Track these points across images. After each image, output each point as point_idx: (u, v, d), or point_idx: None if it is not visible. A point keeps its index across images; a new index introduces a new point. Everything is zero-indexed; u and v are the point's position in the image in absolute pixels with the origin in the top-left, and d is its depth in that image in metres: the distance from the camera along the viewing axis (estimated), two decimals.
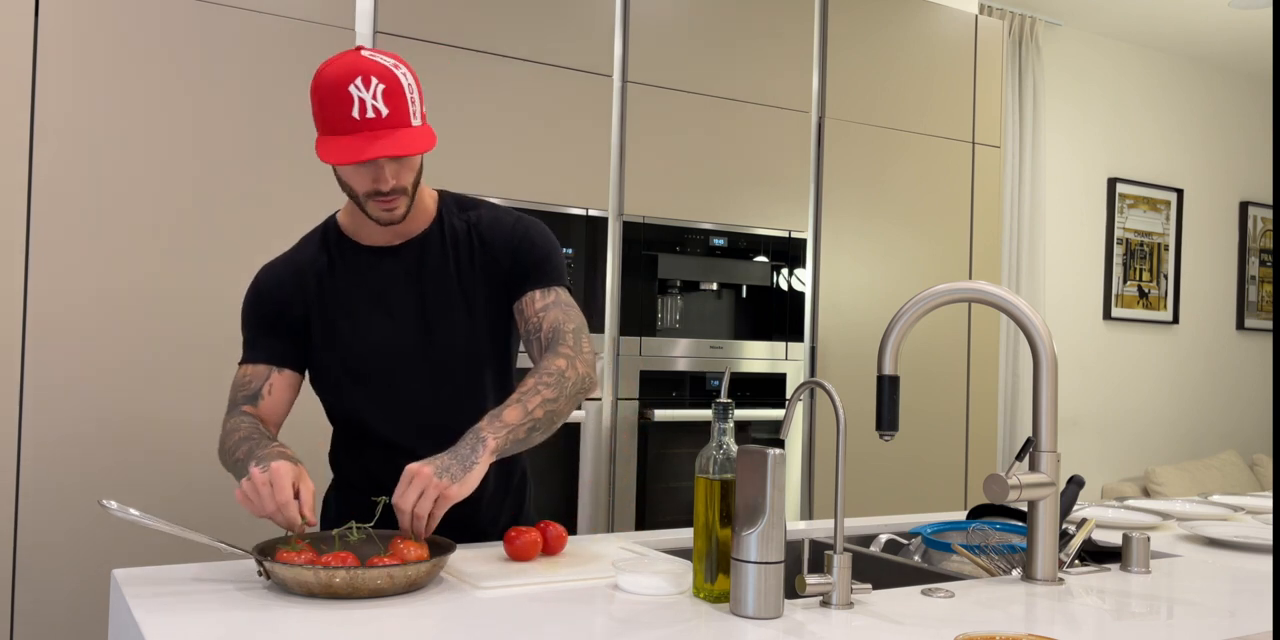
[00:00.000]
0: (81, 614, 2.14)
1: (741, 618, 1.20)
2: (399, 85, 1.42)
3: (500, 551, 1.51)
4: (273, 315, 1.59)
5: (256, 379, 1.58)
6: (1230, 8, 4.66)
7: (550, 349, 1.52)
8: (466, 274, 1.59)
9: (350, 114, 1.39)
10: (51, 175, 2.13)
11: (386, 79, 1.41)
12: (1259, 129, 5.76)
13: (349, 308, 1.58)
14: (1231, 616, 1.28)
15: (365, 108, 1.39)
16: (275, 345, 1.58)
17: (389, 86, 1.41)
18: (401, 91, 1.42)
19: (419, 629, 1.11)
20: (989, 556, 1.58)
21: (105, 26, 2.18)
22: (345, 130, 1.40)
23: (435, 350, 1.58)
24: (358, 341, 1.58)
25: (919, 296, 1.46)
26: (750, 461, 1.21)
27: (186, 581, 1.29)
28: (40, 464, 2.11)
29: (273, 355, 1.58)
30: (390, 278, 1.58)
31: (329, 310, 1.58)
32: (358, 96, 1.39)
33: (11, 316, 2.09)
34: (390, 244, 1.60)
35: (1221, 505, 2.24)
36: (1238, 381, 5.70)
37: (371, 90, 1.40)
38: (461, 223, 1.61)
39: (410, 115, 1.43)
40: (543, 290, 1.59)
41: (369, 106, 1.39)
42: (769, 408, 3.03)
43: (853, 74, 3.22)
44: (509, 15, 2.65)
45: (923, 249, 3.36)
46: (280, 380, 1.59)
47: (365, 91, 1.39)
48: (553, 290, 1.60)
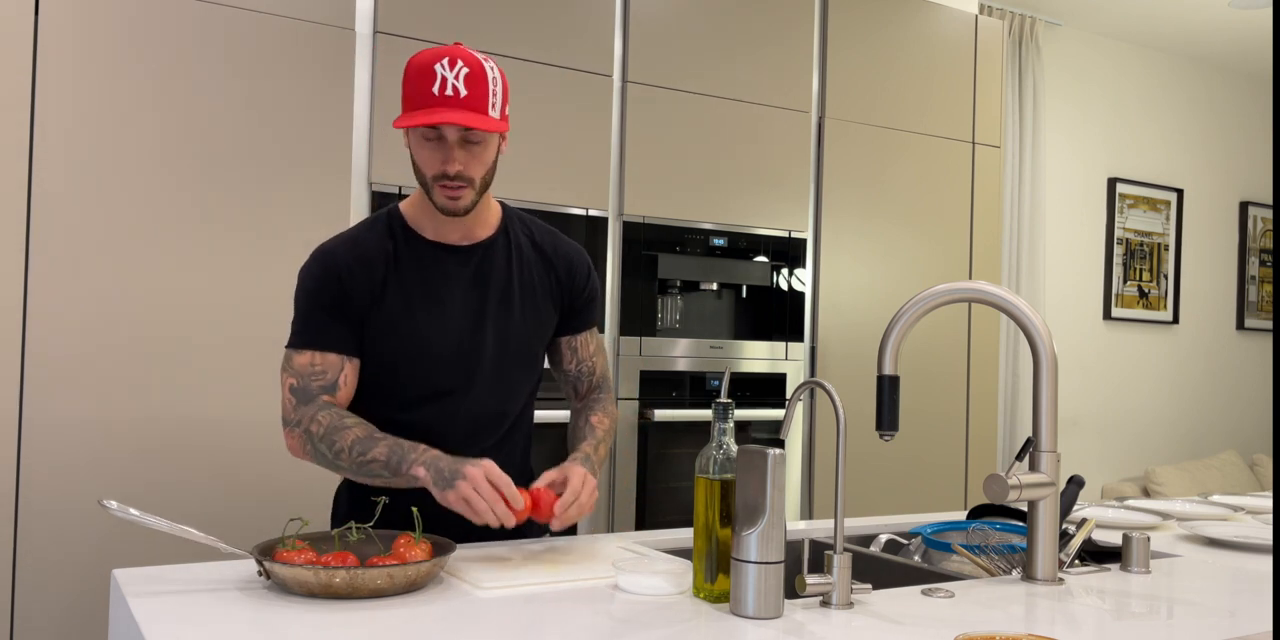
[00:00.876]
0: (81, 614, 2.14)
1: (741, 618, 1.20)
2: (483, 74, 1.48)
3: (501, 551, 1.51)
4: (340, 300, 1.55)
5: (331, 369, 1.55)
6: (1230, 8, 4.66)
7: (605, 393, 1.77)
8: (525, 285, 1.65)
9: (431, 89, 1.45)
10: (51, 175, 2.13)
11: (472, 65, 1.47)
12: (1259, 129, 5.76)
13: (408, 299, 1.58)
14: (1231, 616, 1.28)
15: (446, 85, 1.45)
16: (344, 333, 1.56)
17: (473, 71, 1.47)
18: (485, 80, 1.48)
19: (419, 629, 1.11)
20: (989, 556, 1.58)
21: (105, 26, 2.18)
22: (424, 105, 1.46)
23: (487, 351, 1.61)
24: (414, 334, 1.58)
25: (919, 296, 1.46)
26: (750, 461, 1.21)
27: (186, 581, 1.29)
28: (40, 464, 2.11)
29: (344, 344, 1.56)
30: (452, 276, 1.60)
31: (389, 299, 1.58)
32: (441, 74, 1.45)
33: (12, 316, 2.09)
34: (456, 244, 1.62)
35: (1221, 505, 2.24)
36: (1238, 381, 5.70)
37: (455, 71, 1.45)
38: (525, 237, 1.67)
39: (489, 104, 1.48)
40: (591, 332, 1.76)
41: (450, 85, 1.45)
42: (769, 408, 3.03)
43: (853, 74, 3.22)
44: (509, 15, 2.65)
45: (923, 249, 3.36)
46: (351, 369, 1.57)
47: (449, 71, 1.45)
48: (594, 333, 1.77)
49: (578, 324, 1.73)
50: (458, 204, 1.52)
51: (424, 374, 1.59)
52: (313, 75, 2.39)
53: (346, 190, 2.43)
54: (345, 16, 2.44)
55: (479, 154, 1.51)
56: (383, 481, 1.47)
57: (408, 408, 1.60)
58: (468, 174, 1.50)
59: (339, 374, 1.55)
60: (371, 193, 2.46)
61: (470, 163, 1.51)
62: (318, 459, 1.51)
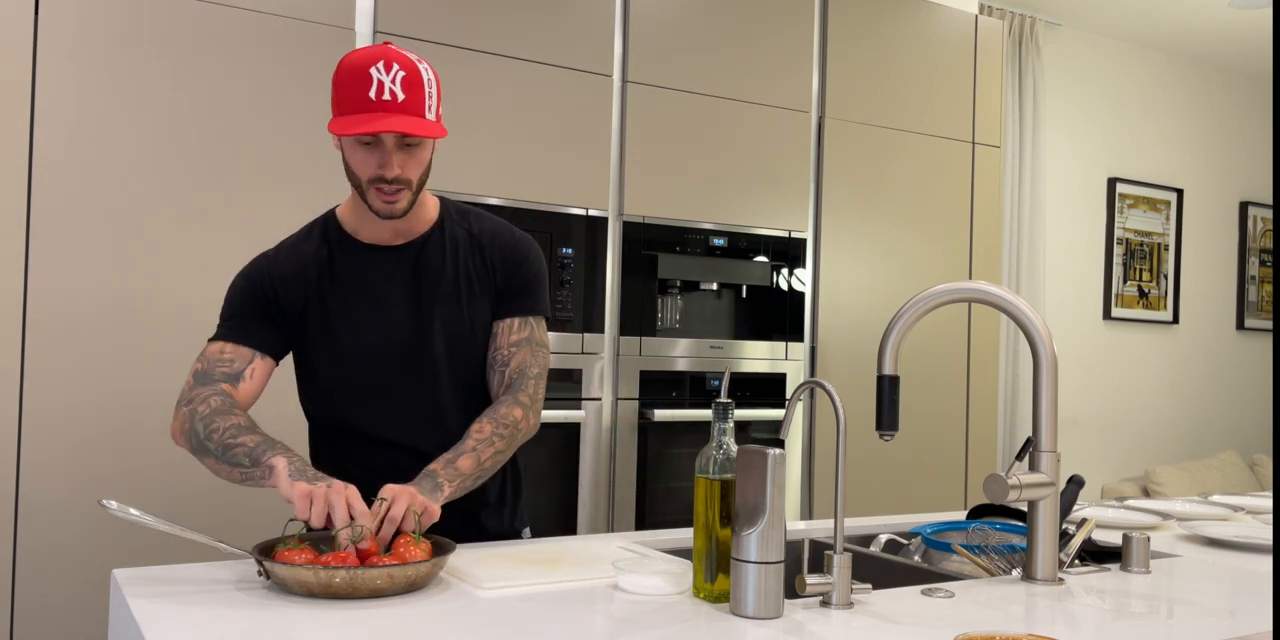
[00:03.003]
0: (81, 614, 2.14)
1: (741, 618, 1.20)
2: (419, 76, 1.46)
3: (501, 551, 1.51)
4: (267, 303, 1.57)
5: (239, 360, 1.55)
6: (1230, 8, 4.66)
7: (511, 393, 1.58)
8: (463, 279, 1.61)
9: (367, 94, 1.43)
10: (51, 175, 2.13)
11: (408, 68, 1.45)
12: (1259, 129, 5.76)
13: (346, 304, 1.58)
14: (1231, 616, 1.28)
15: (383, 90, 1.43)
16: (264, 333, 1.57)
17: (409, 75, 1.45)
18: (420, 83, 1.46)
19: (419, 629, 1.11)
20: (989, 556, 1.58)
21: (105, 26, 2.18)
22: (360, 109, 1.43)
23: (429, 350, 1.59)
24: (353, 338, 1.58)
25: (919, 296, 1.46)
26: (750, 461, 1.21)
27: (186, 581, 1.29)
28: (40, 464, 2.11)
29: (260, 342, 1.56)
30: (389, 277, 1.59)
31: (326, 305, 1.58)
32: (377, 78, 1.43)
33: (12, 316, 2.09)
34: (390, 243, 1.60)
35: (1221, 505, 2.24)
36: (1238, 381, 5.70)
37: (391, 75, 1.43)
38: (462, 230, 1.64)
39: (426, 107, 1.46)
40: (520, 320, 1.63)
41: (386, 89, 1.43)
42: (769, 408, 3.03)
43: (853, 74, 3.22)
44: (509, 15, 2.65)
45: (923, 249, 3.36)
46: (262, 367, 1.57)
47: (385, 75, 1.43)
48: (529, 322, 1.64)
49: (505, 309, 1.63)
50: (394, 207, 1.50)
51: (369, 374, 1.58)
52: (313, 75, 2.39)
53: (346, 190, 2.42)
54: (345, 16, 2.44)
55: (416, 155, 1.49)
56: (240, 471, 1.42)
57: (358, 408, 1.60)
58: (405, 177, 1.49)
59: (247, 366, 1.55)
60: None
61: (408, 165, 1.49)
62: (190, 440, 1.48)
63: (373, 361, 1.58)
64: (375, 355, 1.58)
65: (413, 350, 1.59)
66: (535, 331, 1.64)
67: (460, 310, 1.60)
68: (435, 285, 1.60)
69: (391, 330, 1.58)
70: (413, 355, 1.59)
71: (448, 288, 1.60)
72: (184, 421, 1.50)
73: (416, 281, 1.59)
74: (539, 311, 1.65)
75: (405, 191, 1.50)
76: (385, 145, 1.46)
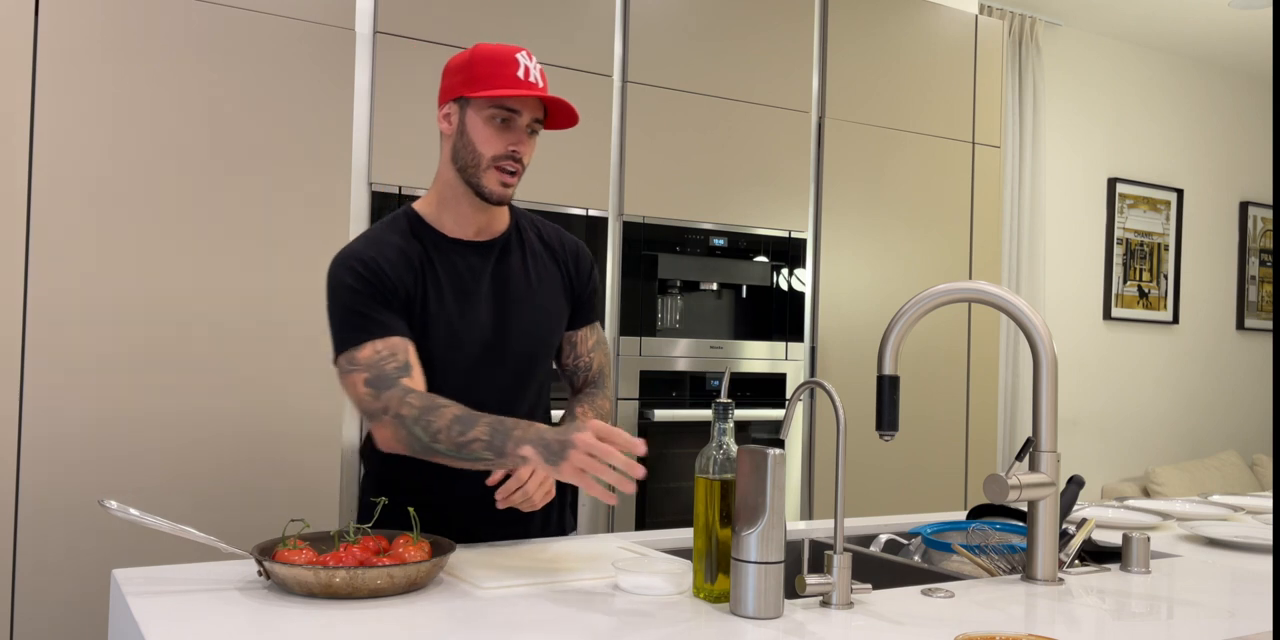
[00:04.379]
0: (81, 614, 2.14)
1: (741, 618, 1.20)
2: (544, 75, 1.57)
3: (501, 551, 1.51)
4: (389, 292, 1.53)
5: (399, 351, 1.51)
6: (1230, 8, 4.66)
7: (599, 387, 1.78)
8: (539, 279, 1.69)
9: (516, 74, 1.52)
10: (51, 175, 2.13)
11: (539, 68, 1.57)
12: (1259, 129, 5.76)
13: (441, 295, 1.60)
14: (1231, 616, 1.28)
15: (529, 73, 1.53)
16: (395, 320, 1.53)
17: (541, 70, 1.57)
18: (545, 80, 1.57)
19: (419, 629, 1.11)
20: (989, 556, 1.58)
21: (105, 26, 2.18)
22: (510, 85, 1.52)
23: (509, 344, 1.64)
24: (449, 329, 1.60)
25: (919, 296, 1.46)
26: (750, 461, 1.21)
27: (186, 581, 1.29)
28: (40, 464, 2.11)
29: (400, 329, 1.53)
30: (476, 271, 1.63)
31: (427, 296, 1.60)
32: (524, 63, 1.53)
33: (12, 316, 2.09)
34: (474, 239, 1.65)
35: (1221, 505, 2.24)
36: (1238, 381, 5.70)
37: (534, 63, 1.55)
38: (533, 233, 1.72)
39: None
40: (591, 327, 1.79)
41: (533, 74, 1.54)
42: (769, 408, 3.03)
43: (852, 74, 3.22)
44: (509, 15, 2.65)
45: (923, 249, 3.36)
46: (414, 351, 1.55)
47: (530, 62, 1.54)
48: (595, 327, 1.80)
49: (578, 319, 1.76)
50: (508, 191, 1.58)
51: (457, 367, 1.61)
52: (313, 75, 2.39)
53: (346, 190, 2.43)
54: (345, 16, 2.44)
55: (532, 145, 1.59)
56: (484, 464, 1.40)
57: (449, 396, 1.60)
58: (526, 161, 1.58)
59: (407, 355, 1.52)
60: (371, 193, 2.46)
61: (527, 151, 1.57)
62: (412, 444, 1.43)
63: (458, 352, 1.61)
64: (463, 350, 1.61)
65: (494, 344, 1.63)
66: (601, 334, 1.82)
67: (539, 308, 1.67)
68: (517, 285, 1.66)
69: (477, 327, 1.62)
70: (494, 349, 1.63)
71: (527, 287, 1.67)
72: (394, 429, 1.44)
73: (500, 277, 1.65)
74: (600, 316, 1.84)
75: (519, 176, 1.58)
76: (519, 126, 1.55)
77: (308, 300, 2.37)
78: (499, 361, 1.64)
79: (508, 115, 1.53)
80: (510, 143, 1.54)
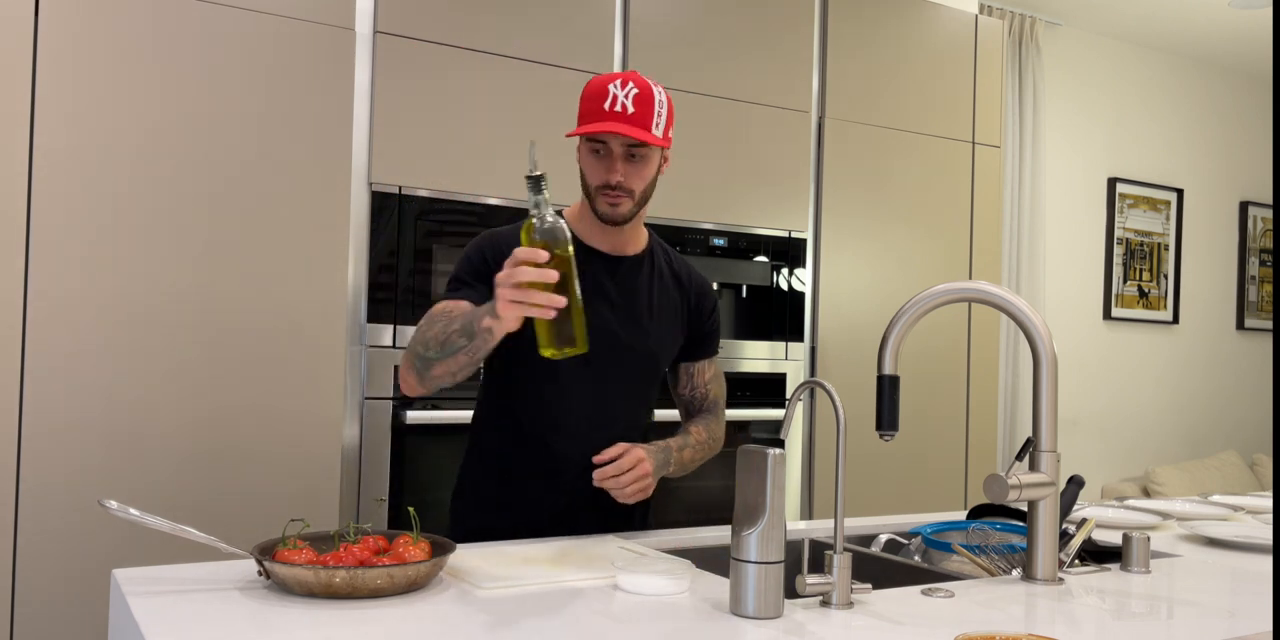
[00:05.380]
0: (81, 614, 2.14)
1: (741, 618, 1.20)
2: (651, 95, 1.61)
3: (501, 551, 1.51)
4: (483, 272, 1.65)
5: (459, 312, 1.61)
6: (1230, 8, 4.66)
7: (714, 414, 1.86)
8: (661, 305, 1.76)
9: (603, 106, 1.60)
10: (52, 175, 2.13)
11: (641, 87, 1.61)
12: (1259, 129, 5.76)
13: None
14: (1231, 616, 1.28)
15: (616, 102, 1.59)
16: (480, 295, 1.63)
17: (642, 93, 1.61)
18: (651, 101, 1.61)
19: (419, 629, 1.12)
20: (989, 556, 1.58)
21: (105, 26, 2.18)
22: (593, 119, 1.60)
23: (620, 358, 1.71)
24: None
25: (919, 296, 1.46)
26: (750, 461, 1.21)
27: (186, 581, 1.29)
28: (40, 464, 2.11)
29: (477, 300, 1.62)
30: (599, 282, 1.70)
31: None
32: (613, 93, 1.60)
33: (12, 316, 2.09)
34: (609, 253, 1.72)
35: (1221, 505, 2.24)
36: (1238, 381, 5.70)
37: (625, 91, 1.60)
38: (664, 262, 1.80)
39: (653, 123, 1.61)
40: (710, 360, 1.87)
41: (619, 102, 1.59)
42: (769, 408, 3.03)
43: (853, 74, 3.22)
44: (509, 15, 2.64)
45: (923, 249, 3.36)
46: None
47: (620, 90, 1.60)
48: (714, 360, 1.88)
49: (698, 352, 1.84)
50: (617, 211, 1.65)
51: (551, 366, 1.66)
52: (313, 75, 2.39)
53: (346, 190, 2.43)
54: (345, 16, 2.44)
55: (640, 168, 1.64)
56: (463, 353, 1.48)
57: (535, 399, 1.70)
58: (628, 185, 1.63)
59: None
60: (371, 193, 2.46)
61: (631, 175, 1.63)
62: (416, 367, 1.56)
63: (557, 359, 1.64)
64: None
65: (605, 355, 1.68)
66: (718, 367, 1.89)
67: (652, 331, 1.74)
68: (636, 305, 1.73)
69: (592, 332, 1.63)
70: (605, 360, 1.69)
71: (646, 310, 1.73)
72: (408, 362, 1.58)
73: (621, 296, 1.72)
74: (719, 349, 1.89)
75: (627, 199, 1.65)
76: (613, 153, 1.62)
77: (308, 300, 2.37)
78: (606, 371, 1.70)
79: (599, 146, 1.63)
80: (606, 171, 1.63)
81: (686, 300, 1.80)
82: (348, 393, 2.43)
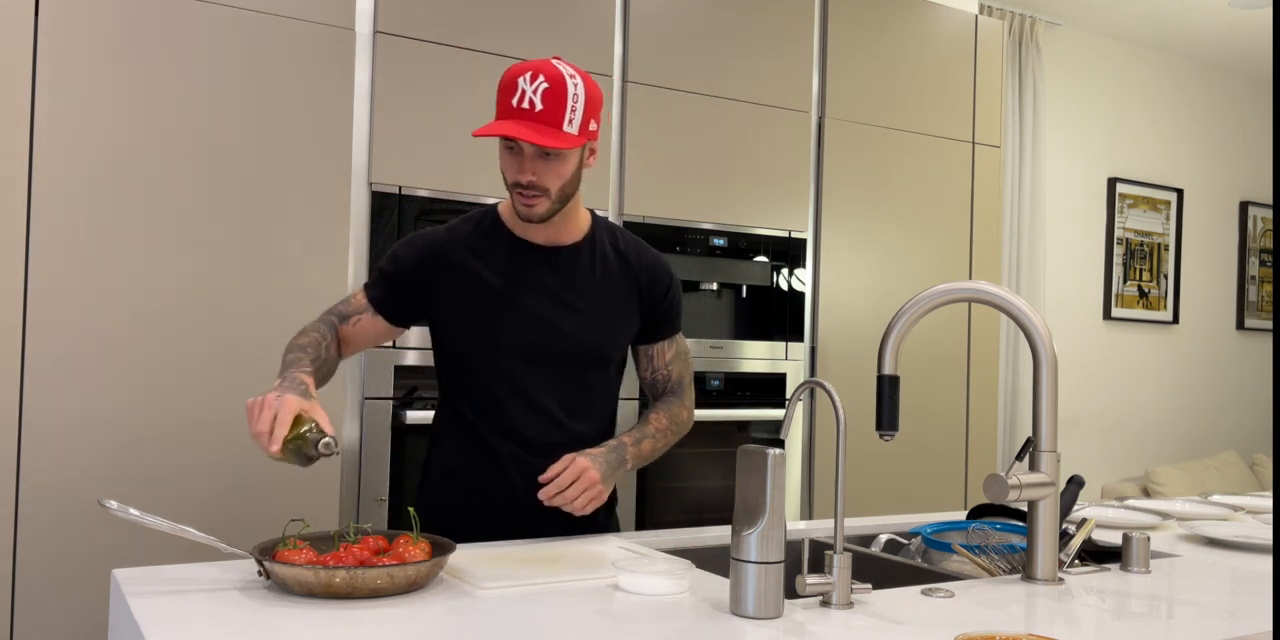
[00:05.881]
0: (81, 614, 2.14)
1: (741, 618, 1.20)
2: (563, 89, 1.52)
3: (501, 551, 1.51)
4: (402, 274, 1.68)
5: (357, 307, 1.70)
6: (1230, 8, 4.66)
7: (677, 396, 1.81)
8: (607, 290, 1.71)
9: (510, 101, 1.52)
10: (51, 175, 2.13)
11: (553, 80, 1.52)
12: (1259, 129, 5.76)
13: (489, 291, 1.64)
14: (1231, 616, 1.28)
15: (524, 99, 1.51)
16: (387, 297, 1.69)
17: (552, 87, 1.51)
18: (564, 95, 1.52)
19: (419, 629, 1.12)
20: (989, 556, 1.58)
21: (105, 26, 2.18)
22: (502, 115, 1.53)
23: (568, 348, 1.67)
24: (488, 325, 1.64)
25: (919, 296, 1.46)
26: (750, 461, 1.21)
27: (186, 581, 1.29)
28: (40, 464, 2.11)
29: (379, 302, 1.70)
30: (534, 274, 1.67)
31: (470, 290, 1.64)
32: (522, 87, 1.51)
33: (12, 316, 2.09)
34: (545, 244, 1.69)
35: (1221, 505, 2.24)
36: (1238, 381, 5.70)
37: (535, 85, 1.51)
38: (610, 245, 1.74)
39: (565, 120, 1.52)
40: (670, 340, 1.81)
41: (527, 98, 1.51)
42: (769, 408, 3.03)
43: (853, 74, 3.22)
44: (509, 15, 2.64)
45: (923, 249, 3.36)
46: (370, 322, 1.70)
47: (529, 85, 1.51)
48: (675, 339, 1.82)
49: (657, 333, 1.79)
50: (532, 211, 1.59)
51: (494, 364, 1.65)
52: (313, 75, 2.39)
53: (346, 190, 2.43)
54: (345, 16, 2.44)
55: (555, 166, 1.57)
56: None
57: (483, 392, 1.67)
58: (541, 184, 1.57)
59: (357, 313, 1.69)
60: (371, 193, 2.46)
61: (545, 173, 1.56)
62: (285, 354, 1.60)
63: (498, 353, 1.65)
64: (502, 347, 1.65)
65: (548, 347, 1.66)
66: (680, 344, 1.83)
67: (601, 317, 1.70)
68: (576, 293, 1.68)
69: (521, 327, 1.65)
70: (548, 351, 1.66)
71: (588, 298, 1.69)
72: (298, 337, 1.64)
73: (558, 286, 1.67)
74: (680, 327, 1.83)
75: (542, 198, 1.58)
76: (524, 152, 1.55)
77: (308, 300, 2.37)
78: (555, 364, 1.67)
79: (513, 145, 1.56)
80: (517, 170, 1.57)
81: (636, 282, 1.73)
82: (347, 393, 2.43)
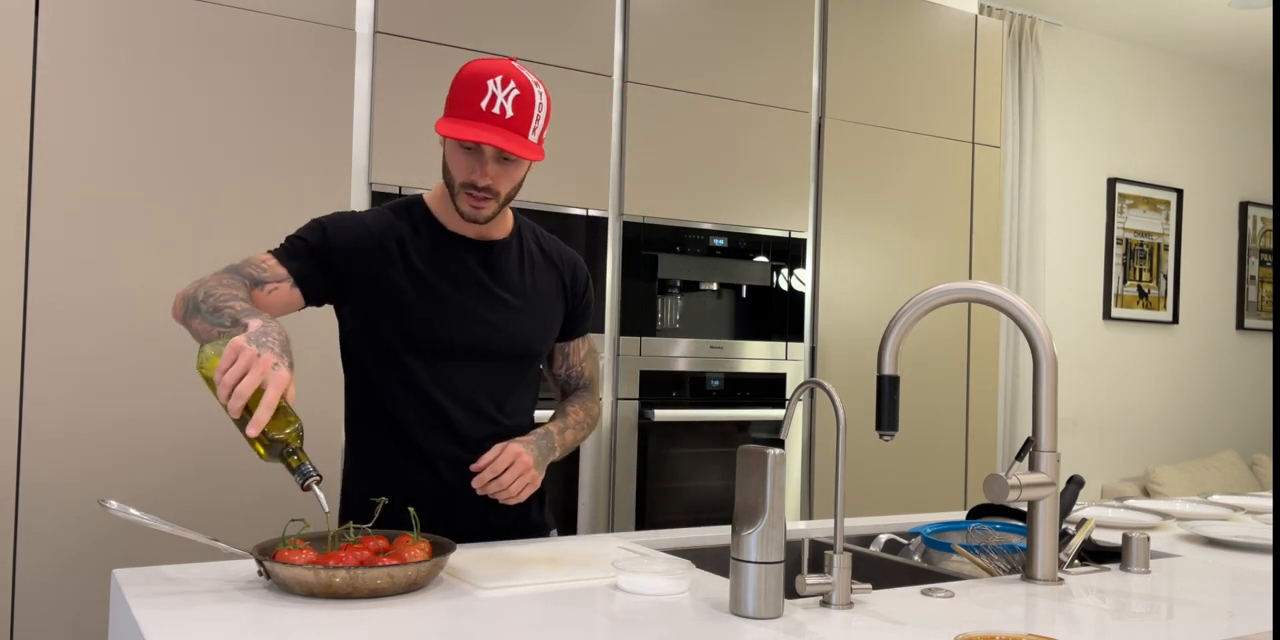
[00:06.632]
0: (81, 614, 2.14)
1: (741, 618, 1.20)
2: (531, 98, 1.52)
3: (501, 551, 1.51)
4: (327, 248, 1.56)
5: (272, 273, 1.53)
6: (1230, 8, 4.66)
7: (590, 391, 1.83)
8: (534, 286, 1.70)
9: (479, 103, 1.49)
10: (52, 175, 2.13)
11: (523, 88, 1.51)
12: (1259, 129, 5.76)
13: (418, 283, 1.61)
14: (1231, 616, 1.28)
15: (494, 103, 1.49)
16: (313, 272, 1.56)
17: (523, 94, 1.51)
18: (531, 104, 1.52)
19: (419, 629, 1.12)
20: (989, 556, 1.58)
21: (105, 26, 2.18)
22: (469, 117, 1.49)
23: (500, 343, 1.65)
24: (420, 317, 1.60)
25: (919, 296, 1.46)
26: (750, 461, 1.21)
27: (186, 581, 1.29)
28: (40, 464, 2.11)
29: (300, 274, 1.55)
30: (465, 267, 1.64)
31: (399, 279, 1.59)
32: (492, 91, 1.49)
33: (12, 317, 2.09)
34: (475, 238, 1.66)
35: (1221, 505, 2.24)
36: (1238, 381, 5.70)
37: (506, 91, 1.50)
38: (533, 242, 1.74)
39: (530, 128, 1.52)
40: (584, 338, 1.83)
41: (498, 103, 1.49)
42: (769, 408, 3.03)
43: (853, 74, 3.22)
44: (509, 15, 2.65)
45: (923, 249, 3.36)
46: (286, 292, 1.55)
47: (500, 90, 1.49)
48: (588, 338, 1.85)
49: (572, 330, 1.80)
50: (480, 213, 1.57)
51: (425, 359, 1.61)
52: (313, 75, 2.39)
53: (346, 190, 2.43)
54: (345, 16, 2.44)
55: (510, 171, 1.56)
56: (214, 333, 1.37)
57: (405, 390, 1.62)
58: (496, 188, 1.55)
59: (275, 282, 1.53)
60: (371, 193, 2.46)
61: (501, 178, 1.55)
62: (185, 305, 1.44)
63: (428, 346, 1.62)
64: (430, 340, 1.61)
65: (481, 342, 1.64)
66: (590, 342, 1.86)
67: (532, 313, 1.68)
68: (507, 289, 1.66)
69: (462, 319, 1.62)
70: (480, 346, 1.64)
71: (518, 293, 1.67)
72: (186, 291, 1.46)
73: (490, 281, 1.65)
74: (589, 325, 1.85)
75: (492, 201, 1.56)
76: (485, 155, 1.52)
77: None
78: (486, 359, 1.64)
79: (472, 146, 1.52)
80: (472, 172, 1.53)
81: (561, 279, 1.74)
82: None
